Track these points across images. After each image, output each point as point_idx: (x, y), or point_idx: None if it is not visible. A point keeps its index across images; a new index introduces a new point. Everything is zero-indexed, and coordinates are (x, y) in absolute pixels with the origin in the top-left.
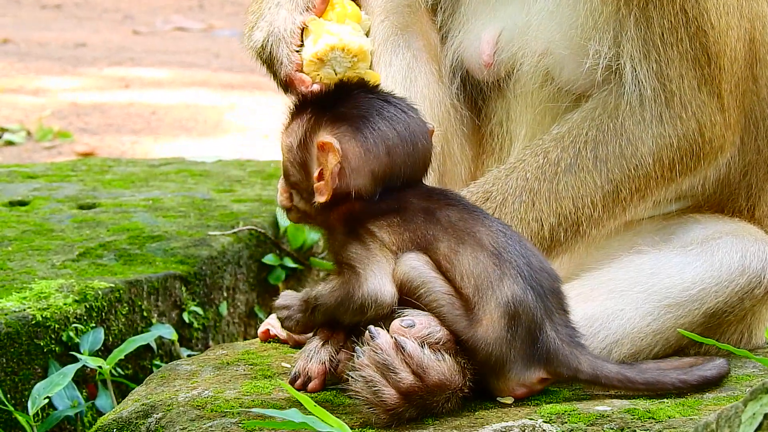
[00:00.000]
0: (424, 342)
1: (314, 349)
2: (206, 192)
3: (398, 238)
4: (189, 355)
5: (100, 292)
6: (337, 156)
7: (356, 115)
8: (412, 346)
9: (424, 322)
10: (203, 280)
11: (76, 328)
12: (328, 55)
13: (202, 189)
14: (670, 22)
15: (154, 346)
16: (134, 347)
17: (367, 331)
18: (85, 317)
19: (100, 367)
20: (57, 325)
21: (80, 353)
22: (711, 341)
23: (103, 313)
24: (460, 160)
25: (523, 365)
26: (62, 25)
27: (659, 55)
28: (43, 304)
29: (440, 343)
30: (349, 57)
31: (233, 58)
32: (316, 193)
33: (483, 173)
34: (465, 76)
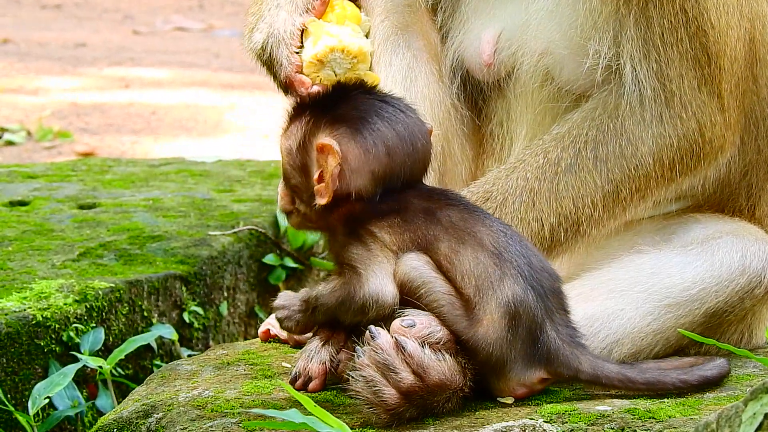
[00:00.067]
0: (425, 342)
1: (315, 349)
2: (206, 192)
3: (399, 239)
4: (189, 355)
5: (101, 292)
6: (336, 158)
7: (355, 117)
8: (412, 345)
9: (424, 322)
10: (203, 280)
11: (76, 328)
12: (327, 57)
13: (202, 189)
14: (670, 22)
15: (155, 346)
16: (135, 347)
17: (368, 331)
18: (86, 317)
19: (101, 367)
20: (57, 325)
21: (80, 353)
22: (711, 341)
23: (104, 313)
24: (461, 160)
25: (524, 365)
26: (62, 25)
27: (659, 55)
28: (43, 304)
29: (441, 342)
30: (349, 58)
31: (233, 58)
32: (317, 196)
33: (483, 173)
34: (465, 76)
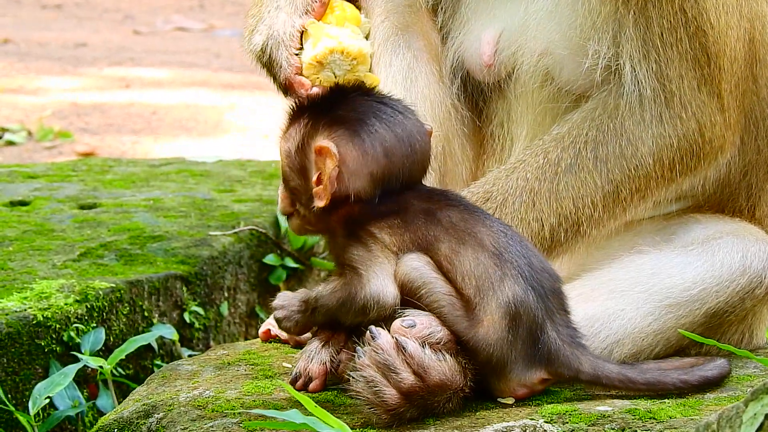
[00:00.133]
0: (425, 342)
1: (315, 350)
2: (207, 192)
3: (399, 239)
4: (190, 355)
5: (101, 292)
6: (334, 160)
7: (353, 118)
8: (413, 346)
9: (425, 323)
10: (204, 280)
11: (77, 328)
12: (327, 58)
13: (202, 189)
14: (670, 22)
15: (155, 346)
16: (135, 347)
17: (368, 332)
18: (86, 317)
19: (101, 367)
20: (58, 325)
21: (81, 353)
22: (712, 341)
23: (104, 313)
24: (461, 161)
25: (524, 366)
26: (62, 25)
27: (659, 55)
28: (44, 304)
29: (441, 343)
30: (349, 60)
31: (233, 58)
32: (315, 198)
33: (484, 173)
34: (465, 77)
